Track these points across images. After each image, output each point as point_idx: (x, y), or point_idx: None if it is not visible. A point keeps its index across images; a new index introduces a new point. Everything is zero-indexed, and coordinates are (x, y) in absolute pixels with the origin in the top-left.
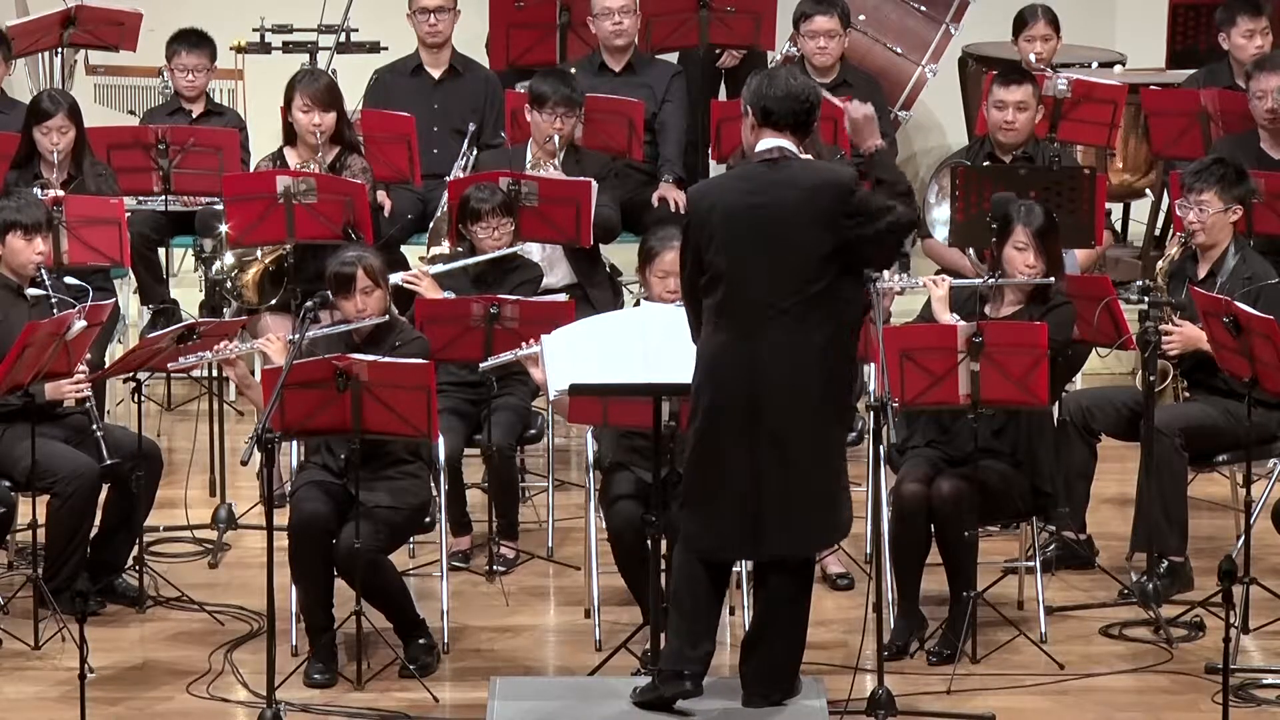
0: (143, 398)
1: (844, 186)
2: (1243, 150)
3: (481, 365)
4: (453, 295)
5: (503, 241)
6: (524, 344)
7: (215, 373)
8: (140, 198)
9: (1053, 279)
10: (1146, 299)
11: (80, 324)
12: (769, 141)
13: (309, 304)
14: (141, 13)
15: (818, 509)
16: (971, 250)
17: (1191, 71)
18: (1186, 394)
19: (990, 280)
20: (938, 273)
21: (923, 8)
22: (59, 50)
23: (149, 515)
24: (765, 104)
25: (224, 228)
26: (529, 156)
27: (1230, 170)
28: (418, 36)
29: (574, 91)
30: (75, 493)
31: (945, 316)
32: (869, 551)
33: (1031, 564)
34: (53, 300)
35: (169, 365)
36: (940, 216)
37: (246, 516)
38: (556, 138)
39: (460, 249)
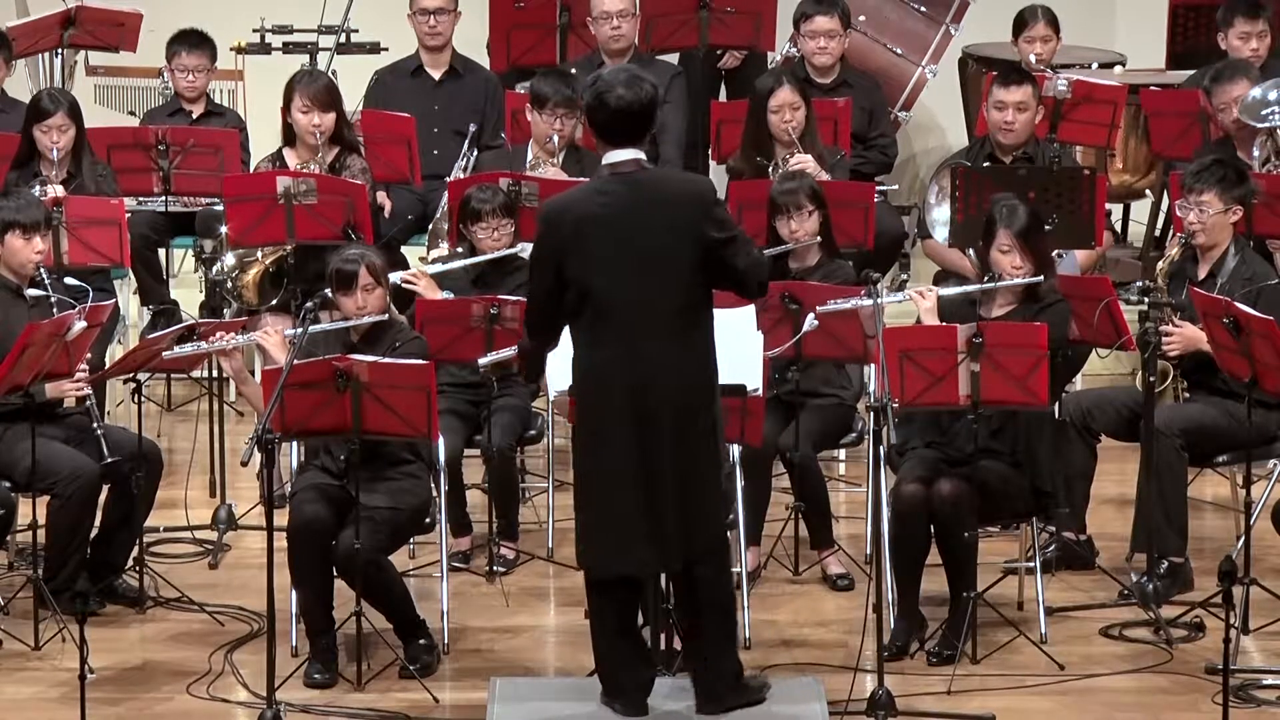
0: (143, 398)
1: (705, 196)
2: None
3: (480, 361)
4: (452, 295)
5: (503, 243)
6: None
7: (215, 373)
8: (140, 198)
9: (1041, 278)
10: (1146, 299)
11: (80, 324)
12: (617, 154)
13: (309, 304)
14: (141, 13)
15: (710, 501)
16: (971, 251)
17: (1191, 72)
18: (1186, 394)
19: (977, 286)
20: (936, 274)
21: (923, 8)
22: (59, 51)
23: (149, 516)
24: (600, 122)
25: (224, 228)
26: (529, 157)
27: (1230, 170)
28: (418, 37)
29: (574, 92)
30: (75, 493)
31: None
32: (869, 552)
33: (1031, 564)
34: (53, 301)
35: (165, 355)
36: (940, 217)
37: (246, 517)
38: (556, 138)
39: (460, 249)
